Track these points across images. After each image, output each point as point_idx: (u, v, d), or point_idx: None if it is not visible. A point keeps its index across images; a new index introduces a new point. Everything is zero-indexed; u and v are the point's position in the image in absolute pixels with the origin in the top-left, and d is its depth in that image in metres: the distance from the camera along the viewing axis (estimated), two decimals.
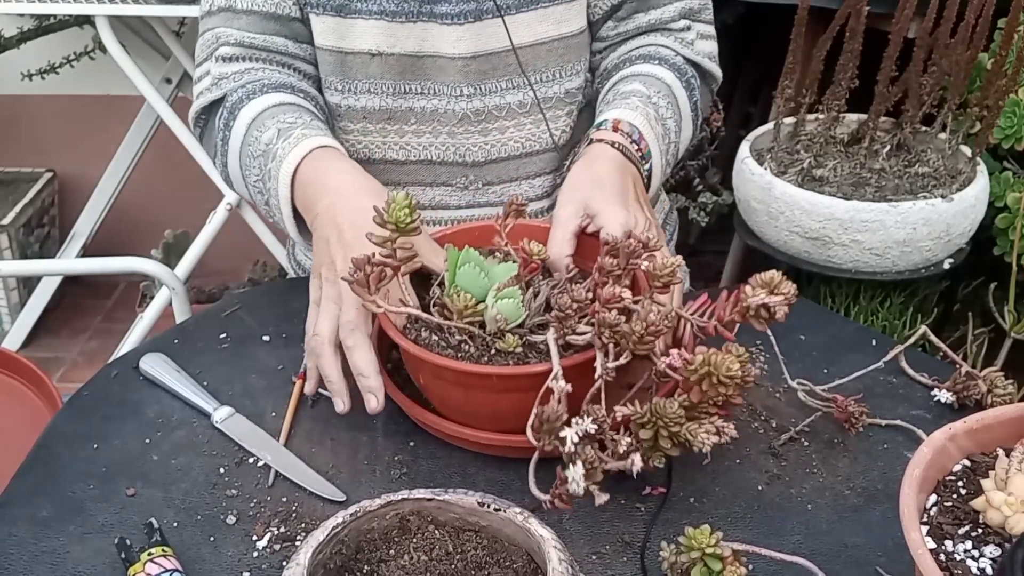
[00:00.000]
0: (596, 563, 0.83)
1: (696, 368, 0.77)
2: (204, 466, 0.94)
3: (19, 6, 2.13)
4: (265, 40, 1.16)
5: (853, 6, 1.41)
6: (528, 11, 1.16)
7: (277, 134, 1.08)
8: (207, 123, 1.21)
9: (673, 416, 0.78)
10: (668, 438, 0.79)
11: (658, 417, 0.78)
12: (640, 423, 0.80)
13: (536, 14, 1.16)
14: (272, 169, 1.07)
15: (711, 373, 0.76)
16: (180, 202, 2.49)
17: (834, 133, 1.54)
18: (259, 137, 1.09)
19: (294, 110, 1.12)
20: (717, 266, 2.33)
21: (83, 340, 2.63)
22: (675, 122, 1.18)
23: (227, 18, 1.17)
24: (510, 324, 0.89)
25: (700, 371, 0.77)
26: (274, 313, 1.16)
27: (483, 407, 0.90)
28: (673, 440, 0.79)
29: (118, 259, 1.73)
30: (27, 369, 1.25)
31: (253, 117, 1.11)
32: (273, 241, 2.28)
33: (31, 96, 2.58)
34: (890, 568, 0.81)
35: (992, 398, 0.97)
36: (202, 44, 1.20)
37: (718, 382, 0.76)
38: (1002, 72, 1.41)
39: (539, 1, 1.16)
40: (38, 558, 0.84)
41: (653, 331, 0.80)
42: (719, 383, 0.76)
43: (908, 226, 1.37)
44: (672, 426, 0.78)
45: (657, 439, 0.79)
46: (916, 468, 0.69)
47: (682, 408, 0.78)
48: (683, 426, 0.78)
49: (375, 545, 0.74)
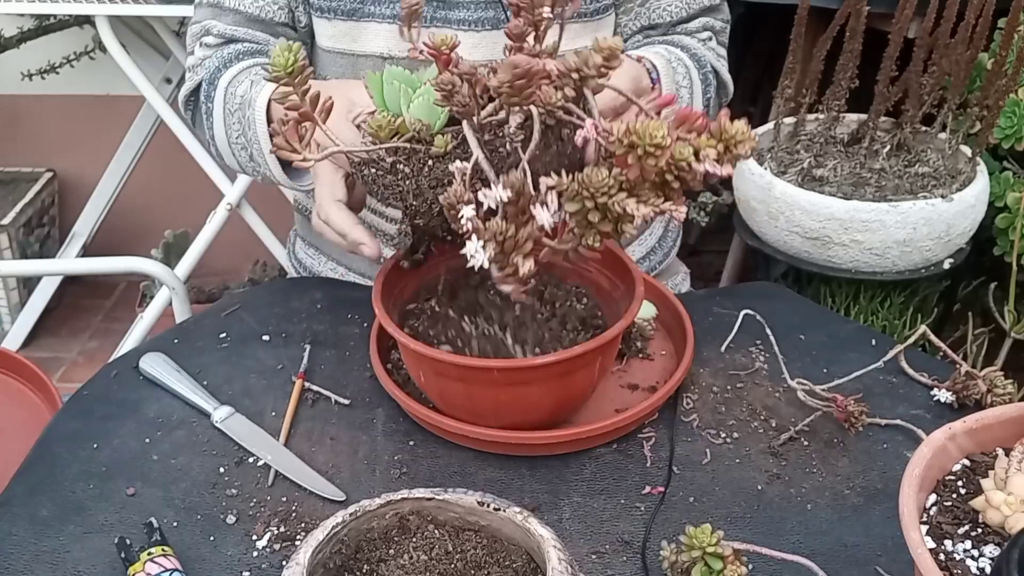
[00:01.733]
0: (596, 563, 0.83)
1: (620, 139, 0.71)
2: (204, 466, 0.94)
3: (19, 6, 2.13)
4: (247, 34, 1.19)
5: (853, 6, 1.41)
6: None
7: (251, 85, 1.10)
8: (195, 104, 1.23)
9: (600, 185, 0.72)
10: (597, 210, 0.73)
11: (584, 187, 0.73)
12: (569, 196, 0.74)
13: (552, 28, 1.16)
14: (249, 116, 1.08)
15: (635, 144, 0.71)
16: (180, 202, 2.49)
17: (834, 133, 1.54)
18: (235, 92, 1.12)
19: (249, 57, 1.14)
20: (717, 266, 2.33)
21: (83, 340, 2.63)
22: (690, 96, 1.17)
23: (215, 12, 1.20)
24: (435, 125, 0.85)
25: (624, 141, 0.71)
26: (274, 313, 1.16)
27: (484, 402, 0.90)
28: (604, 214, 0.73)
29: (118, 259, 1.73)
30: (27, 369, 1.25)
31: (231, 79, 1.13)
32: (273, 241, 2.28)
33: (31, 96, 2.58)
34: (890, 568, 0.81)
35: (992, 398, 0.97)
36: (191, 35, 1.23)
37: (645, 154, 0.70)
38: (1002, 72, 1.40)
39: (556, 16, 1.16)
40: (38, 558, 0.84)
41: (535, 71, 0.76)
42: (647, 155, 0.70)
43: (908, 226, 1.37)
44: (600, 196, 0.72)
45: (587, 214, 0.74)
46: (916, 468, 0.69)
47: (615, 180, 0.72)
48: (612, 198, 0.72)
49: (375, 545, 0.74)
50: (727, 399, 1.01)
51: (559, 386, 0.90)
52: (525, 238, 0.76)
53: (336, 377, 1.05)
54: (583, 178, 0.73)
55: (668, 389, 0.97)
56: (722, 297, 1.19)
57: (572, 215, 0.75)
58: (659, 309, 1.11)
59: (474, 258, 0.74)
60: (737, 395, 1.02)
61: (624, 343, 1.06)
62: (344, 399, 1.02)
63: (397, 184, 0.86)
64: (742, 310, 1.12)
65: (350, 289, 1.23)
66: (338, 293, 1.20)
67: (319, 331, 1.13)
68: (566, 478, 0.92)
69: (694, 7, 1.24)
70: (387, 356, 1.04)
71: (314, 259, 1.35)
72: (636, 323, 1.07)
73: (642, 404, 0.95)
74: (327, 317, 1.15)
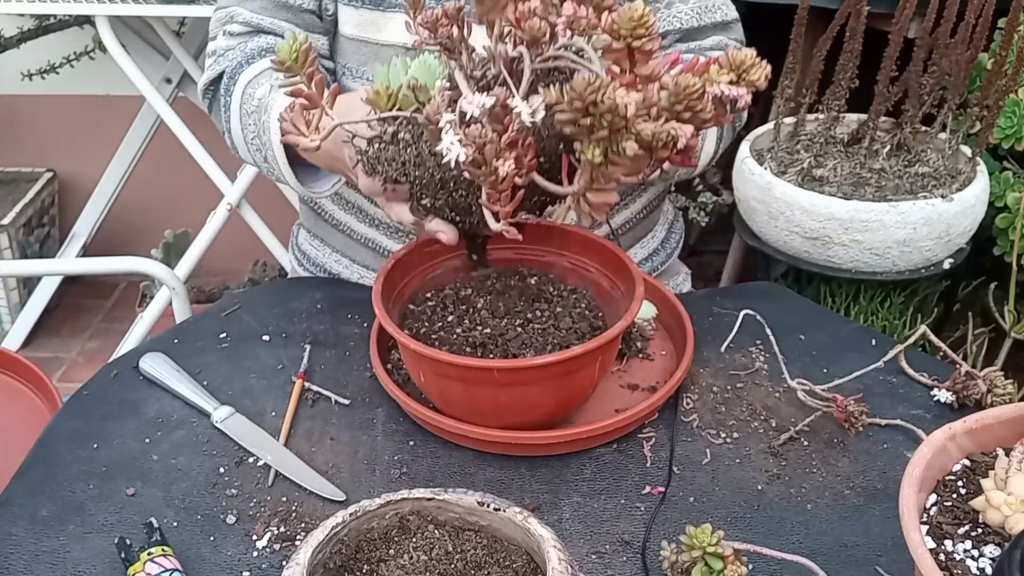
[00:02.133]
0: (596, 563, 0.83)
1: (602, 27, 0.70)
2: (204, 466, 0.94)
3: (19, 6, 2.12)
4: (273, 24, 1.19)
5: (853, 6, 1.41)
6: None
7: (270, 89, 1.11)
8: (215, 94, 1.23)
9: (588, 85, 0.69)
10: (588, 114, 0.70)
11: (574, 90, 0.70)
12: (561, 110, 0.72)
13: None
14: (264, 121, 1.09)
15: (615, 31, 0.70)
16: (180, 202, 2.49)
17: (834, 133, 1.54)
18: (253, 94, 1.12)
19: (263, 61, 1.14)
20: (717, 266, 2.33)
21: (83, 340, 2.62)
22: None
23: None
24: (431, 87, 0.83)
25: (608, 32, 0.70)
26: (274, 313, 1.16)
27: (484, 402, 0.90)
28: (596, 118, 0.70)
29: (118, 259, 1.73)
30: (27, 369, 1.25)
31: (250, 79, 1.14)
32: (273, 241, 2.28)
33: (31, 96, 2.58)
34: (890, 568, 0.81)
35: (992, 398, 0.97)
36: (215, 20, 1.23)
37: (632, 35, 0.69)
38: (1002, 72, 1.40)
39: None
40: (38, 558, 0.84)
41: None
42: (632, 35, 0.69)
43: (908, 226, 1.37)
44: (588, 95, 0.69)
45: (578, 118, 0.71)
46: (916, 468, 0.69)
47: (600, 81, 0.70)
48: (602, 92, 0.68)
49: (375, 545, 0.74)
50: (727, 399, 1.01)
51: (559, 386, 0.90)
52: (507, 144, 0.73)
53: (336, 377, 1.05)
54: (572, 83, 0.70)
55: (668, 389, 0.97)
56: (722, 297, 1.19)
57: (566, 126, 0.72)
58: (659, 309, 1.11)
59: (450, 151, 0.72)
60: (737, 395, 1.02)
61: (624, 343, 1.06)
62: (344, 399, 1.02)
63: (400, 155, 0.85)
64: (742, 310, 1.12)
65: (350, 289, 1.23)
66: (338, 293, 1.20)
67: (319, 331, 1.13)
68: (566, 478, 0.92)
69: (705, 19, 1.24)
70: (387, 356, 1.04)
71: (319, 251, 1.35)
72: (636, 323, 1.07)
73: (642, 404, 0.95)
74: (327, 317, 1.15)
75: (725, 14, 1.26)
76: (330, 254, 1.33)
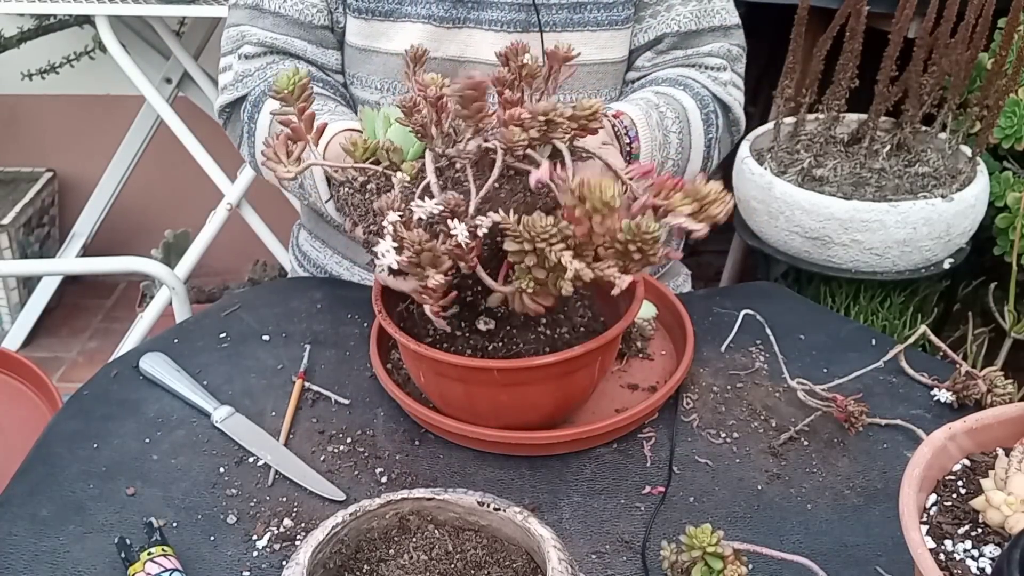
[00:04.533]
0: (596, 563, 0.83)
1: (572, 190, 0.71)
2: (204, 466, 0.94)
3: (19, 6, 2.12)
4: (286, 42, 1.20)
5: (853, 6, 1.41)
6: (573, 31, 1.17)
7: None
8: (231, 115, 1.24)
9: (541, 231, 0.72)
10: (534, 254, 0.73)
11: (526, 229, 0.72)
12: (510, 236, 0.74)
13: (581, 35, 1.18)
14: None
15: (583, 198, 0.70)
16: (180, 202, 2.49)
17: (834, 133, 1.55)
18: None
19: (317, 99, 1.15)
20: (717, 266, 2.33)
21: (83, 340, 2.63)
22: (679, 140, 1.18)
23: (253, 15, 1.21)
24: (408, 153, 0.88)
25: (576, 194, 0.71)
26: (274, 313, 1.16)
27: (484, 402, 0.90)
28: (541, 262, 0.73)
29: (118, 259, 1.73)
30: (27, 369, 1.25)
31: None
32: (273, 241, 2.28)
33: (31, 96, 2.58)
34: (890, 568, 0.81)
35: (992, 398, 0.97)
36: (227, 37, 1.24)
37: (594, 210, 0.70)
38: (1002, 72, 1.41)
39: (586, 24, 1.17)
40: (38, 558, 0.84)
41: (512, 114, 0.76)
42: (595, 211, 0.70)
43: (908, 226, 1.37)
44: (539, 242, 0.72)
45: (523, 257, 0.73)
46: (916, 468, 0.69)
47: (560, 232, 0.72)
48: (552, 246, 0.71)
49: (375, 545, 0.74)
50: (727, 399, 1.01)
51: (559, 386, 0.90)
52: (443, 253, 0.76)
53: (336, 377, 1.05)
54: (527, 221, 0.74)
55: (668, 389, 0.97)
56: (722, 297, 1.19)
57: (511, 256, 0.75)
58: (659, 309, 1.11)
59: (384, 258, 0.74)
60: (737, 395, 1.02)
61: (624, 343, 1.06)
62: (344, 399, 1.02)
63: (364, 204, 0.88)
64: (742, 310, 1.12)
65: (350, 289, 1.23)
66: (338, 293, 1.20)
67: (319, 331, 1.13)
68: (566, 478, 0.92)
69: (704, 23, 1.24)
70: (387, 356, 1.04)
71: (320, 251, 1.35)
72: (636, 323, 1.07)
73: (642, 404, 0.95)
74: (327, 317, 1.15)
75: (724, 19, 1.26)
76: (331, 255, 1.33)
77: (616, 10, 1.18)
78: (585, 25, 1.17)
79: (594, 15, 1.17)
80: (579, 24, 1.17)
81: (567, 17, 1.17)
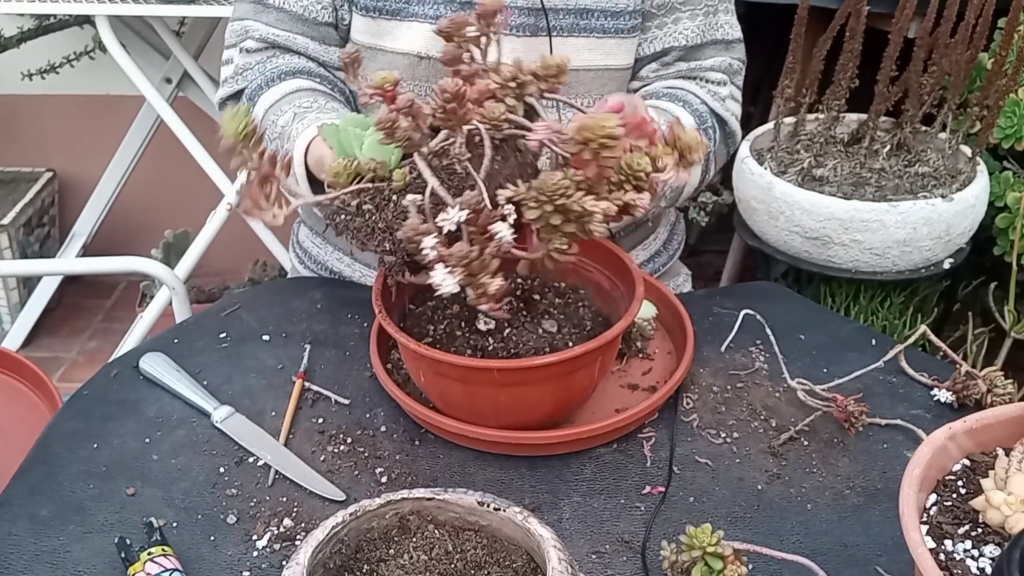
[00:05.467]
0: (596, 563, 0.83)
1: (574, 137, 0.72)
2: (204, 466, 0.94)
3: (19, 6, 2.12)
4: (288, 39, 1.20)
5: (853, 6, 1.41)
6: (580, 37, 1.18)
7: (293, 117, 1.12)
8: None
9: (557, 188, 0.73)
10: (558, 213, 0.74)
11: (541, 192, 0.74)
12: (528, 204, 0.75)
13: (587, 41, 1.18)
14: (288, 149, 1.10)
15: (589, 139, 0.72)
16: (180, 202, 2.49)
17: (834, 133, 1.54)
18: (276, 121, 1.13)
19: (310, 95, 1.15)
20: (717, 266, 2.33)
21: (83, 340, 2.62)
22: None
23: (257, 10, 1.21)
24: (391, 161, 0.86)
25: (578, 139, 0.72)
26: (274, 313, 1.16)
27: (484, 402, 0.90)
28: (566, 216, 0.74)
29: (118, 259, 1.73)
30: (27, 369, 1.25)
31: (271, 103, 1.15)
32: (273, 241, 2.28)
33: (31, 96, 2.58)
34: (890, 568, 0.81)
35: (992, 398, 0.97)
36: (231, 31, 1.24)
37: (601, 147, 0.72)
38: (1002, 72, 1.40)
39: (592, 30, 1.18)
40: (38, 558, 0.84)
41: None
42: (602, 147, 0.72)
43: (908, 226, 1.37)
44: (557, 199, 0.73)
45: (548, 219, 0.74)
46: (916, 468, 0.69)
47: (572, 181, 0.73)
48: (571, 198, 0.73)
49: (375, 545, 0.74)
50: (727, 399, 1.01)
51: (559, 386, 0.90)
52: (491, 257, 0.76)
53: (336, 377, 1.05)
54: (539, 183, 0.74)
55: (668, 389, 0.97)
56: (722, 297, 1.19)
57: (535, 223, 0.75)
58: (659, 309, 1.11)
59: (442, 286, 0.74)
60: (737, 395, 1.02)
61: (624, 343, 1.06)
62: (344, 399, 1.02)
63: (367, 226, 0.87)
64: (742, 310, 1.12)
65: (350, 289, 1.23)
66: (338, 293, 1.20)
67: (319, 331, 1.13)
68: (566, 478, 0.92)
69: (707, 37, 1.24)
70: (387, 356, 1.04)
71: (320, 248, 1.35)
72: (636, 323, 1.07)
73: (642, 404, 0.95)
74: (327, 317, 1.15)
75: (727, 33, 1.27)
76: (332, 252, 1.33)
77: (623, 19, 1.19)
78: (592, 31, 1.18)
79: (601, 22, 1.18)
80: (585, 30, 1.18)
81: (574, 22, 1.17)
